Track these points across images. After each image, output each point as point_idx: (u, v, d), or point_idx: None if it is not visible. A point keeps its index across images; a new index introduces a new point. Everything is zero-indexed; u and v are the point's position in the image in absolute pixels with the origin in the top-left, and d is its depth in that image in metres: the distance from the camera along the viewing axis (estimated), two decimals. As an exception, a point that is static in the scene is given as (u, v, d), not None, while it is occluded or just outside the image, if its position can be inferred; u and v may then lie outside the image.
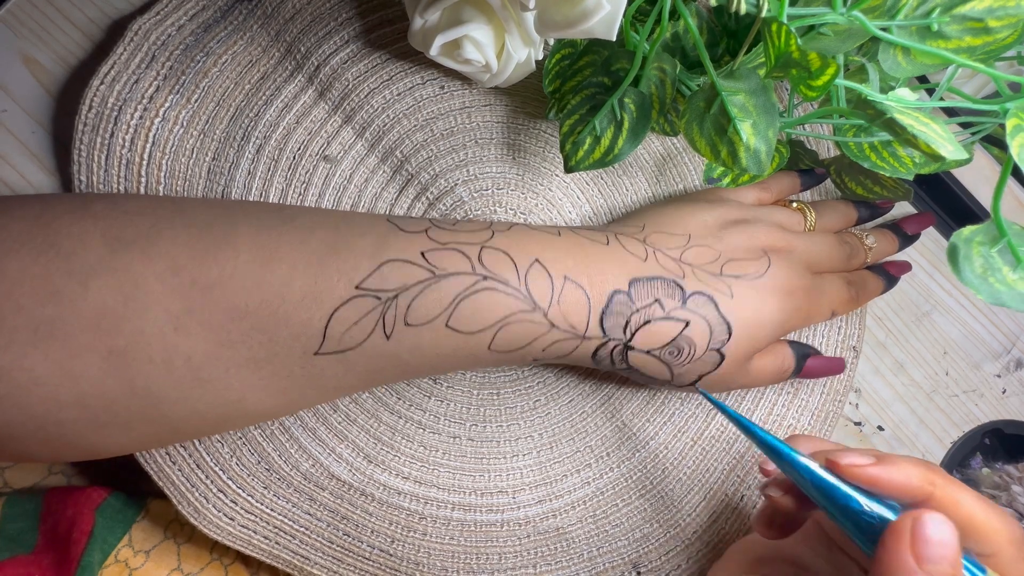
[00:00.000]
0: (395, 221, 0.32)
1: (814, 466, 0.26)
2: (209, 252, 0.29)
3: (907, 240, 0.42)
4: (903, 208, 0.44)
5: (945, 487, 0.25)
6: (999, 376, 0.44)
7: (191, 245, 0.29)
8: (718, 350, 0.33)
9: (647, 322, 0.32)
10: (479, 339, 0.31)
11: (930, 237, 0.44)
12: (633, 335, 0.32)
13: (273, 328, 0.29)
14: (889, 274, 0.41)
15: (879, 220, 0.43)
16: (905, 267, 0.42)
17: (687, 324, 0.32)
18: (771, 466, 0.29)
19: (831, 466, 0.26)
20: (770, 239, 0.35)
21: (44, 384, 0.27)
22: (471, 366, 0.34)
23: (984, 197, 0.44)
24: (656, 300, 0.32)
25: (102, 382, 0.28)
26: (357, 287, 0.29)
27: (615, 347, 0.32)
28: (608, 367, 0.34)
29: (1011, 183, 0.45)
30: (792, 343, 0.38)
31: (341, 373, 0.31)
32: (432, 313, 0.30)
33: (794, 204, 0.39)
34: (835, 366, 0.39)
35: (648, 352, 0.33)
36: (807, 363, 0.38)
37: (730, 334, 0.33)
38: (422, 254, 0.30)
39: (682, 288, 0.32)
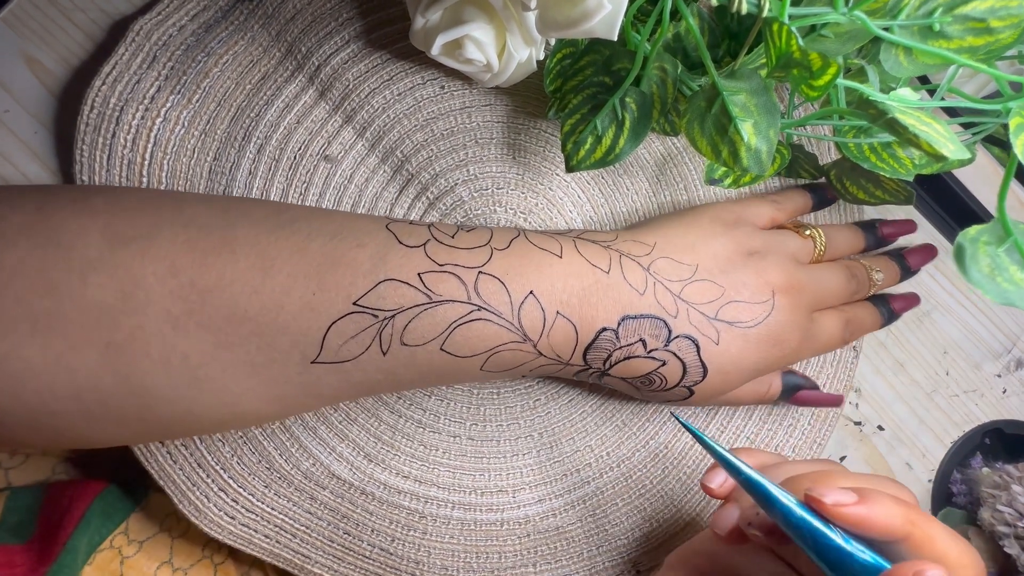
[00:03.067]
0: (394, 230, 0.32)
1: (803, 512, 0.24)
2: (208, 255, 0.29)
3: (908, 273, 0.42)
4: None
5: (922, 525, 0.25)
6: (999, 376, 0.44)
7: (190, 246, 0.29)
8: (689, 387, 0.34)
9: (627, 358, 0.33)
10: (471, 362, 0.32)
11: (931, 237, 0.44)
12: (612, 367, 0.33)
13: (272, 334, 0.29)
14: (891, 310, 0.41)
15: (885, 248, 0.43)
16: (913, 301, 0.42)
17: (664, 363, 0.33)
18: (714, 483, 0.29)
19: (812, 502, 0.25)
20: (781, 276, 0.35)
21: (40, 375, 0.27)
22: (463, 382, 0.36)
23: (985, 197, 0.44)
24: (640, 339, 0.33)
25: (98, 376, 0.28)
26: (355, 303, 0.30)
27: (593, 373, 0.34)
28: (585, 380, 0.36)
29: (1012, 183, 0.45)
30: (786, 374, 0.38)
31: (336, 383, 0.31)
32: (428, 336, 0.31)
33: (807, 231, 0.38)
34: (831, 401, 0.39)
35: (622, 379, 0.34)
36: (799, 394, 0.38)
37: (704, 377, 0.34)
38: (419, 276, 0.30)
39: (669, 329, 0.33)
